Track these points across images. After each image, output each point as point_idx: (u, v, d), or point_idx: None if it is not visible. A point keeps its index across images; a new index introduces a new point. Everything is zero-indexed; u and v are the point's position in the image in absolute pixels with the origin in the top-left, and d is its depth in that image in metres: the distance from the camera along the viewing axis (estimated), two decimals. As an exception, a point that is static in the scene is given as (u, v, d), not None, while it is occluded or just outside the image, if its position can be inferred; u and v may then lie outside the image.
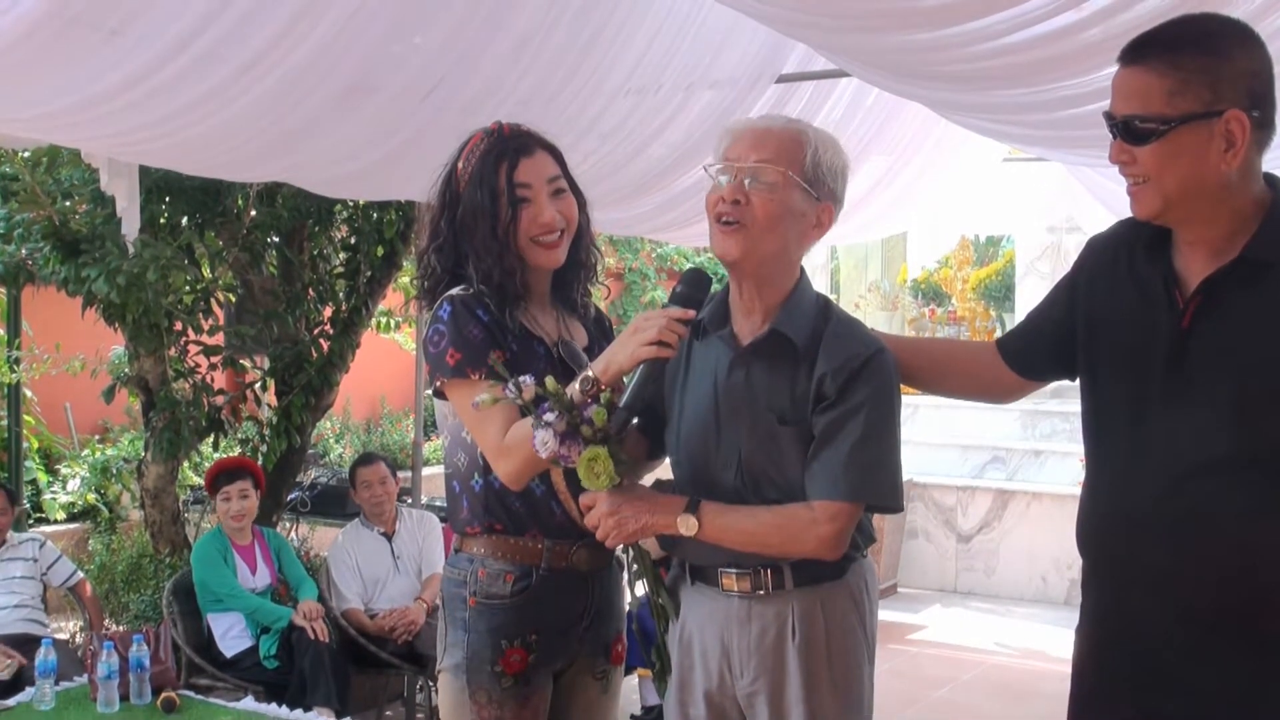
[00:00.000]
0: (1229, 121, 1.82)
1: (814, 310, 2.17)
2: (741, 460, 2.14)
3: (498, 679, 2.25)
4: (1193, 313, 1.91)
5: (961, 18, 2.79)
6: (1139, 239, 2.02)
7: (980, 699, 5.57)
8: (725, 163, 2.13)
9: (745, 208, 2.09)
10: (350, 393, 9.57)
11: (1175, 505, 1.91)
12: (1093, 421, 2.08)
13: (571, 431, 2.01)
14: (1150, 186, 1.89)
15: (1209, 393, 1.89)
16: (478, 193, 2.25)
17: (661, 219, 5.70)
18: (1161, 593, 1.94)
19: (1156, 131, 1.84)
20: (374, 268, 5.93)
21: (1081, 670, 2.12)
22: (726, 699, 2.21)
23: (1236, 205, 1.89)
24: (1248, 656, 1.88)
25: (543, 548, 2.26)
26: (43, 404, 7.99)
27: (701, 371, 2.21)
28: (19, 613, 4.71)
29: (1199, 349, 1.90)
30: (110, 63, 3.09)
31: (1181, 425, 1.91)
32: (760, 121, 2.17)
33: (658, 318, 2.05)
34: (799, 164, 2.10)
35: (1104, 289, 2.06)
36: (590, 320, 2.45)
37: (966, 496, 7.98)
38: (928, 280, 11.44)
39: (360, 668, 4.81)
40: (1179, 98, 1.82)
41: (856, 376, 2.08)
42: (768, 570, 2.15)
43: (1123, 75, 1.90)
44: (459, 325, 2.20)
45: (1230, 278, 1.88)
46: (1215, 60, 1.83)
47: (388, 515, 5.18)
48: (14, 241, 5.21)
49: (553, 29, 3.70)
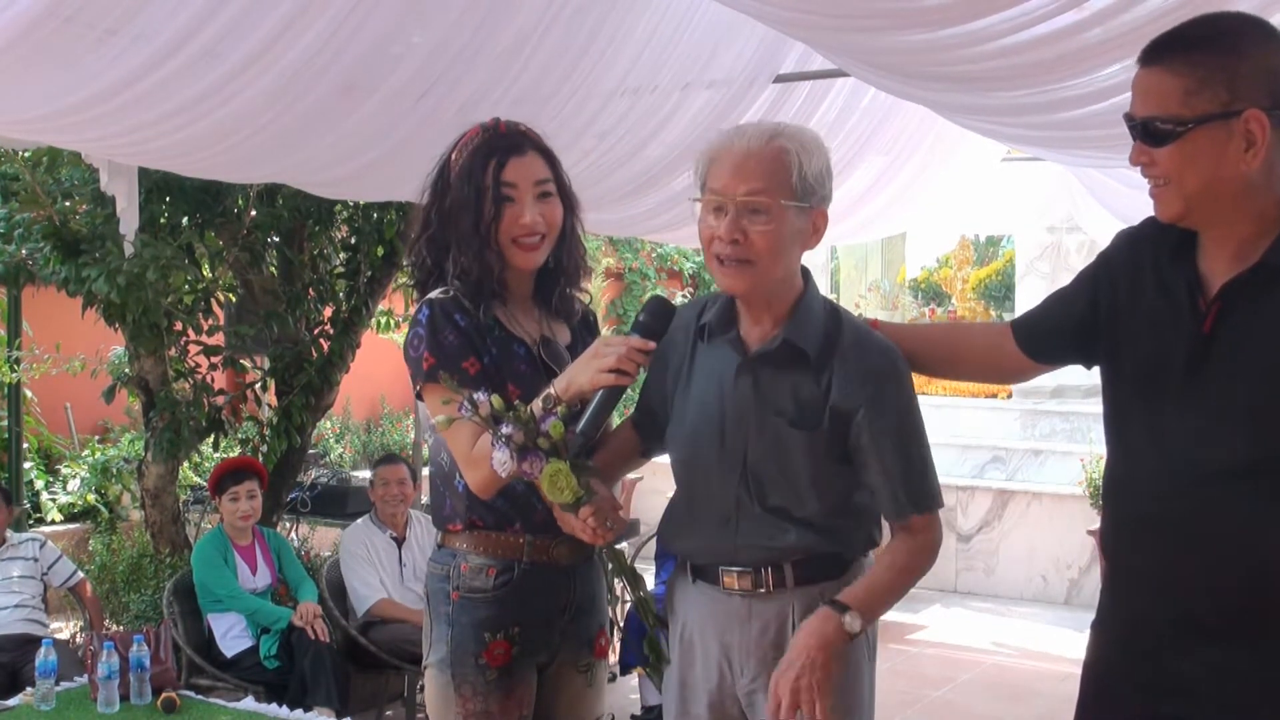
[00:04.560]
0: (1248, 121, 1.79)
1: (823, 315, 2.17)
2: (746, 465, 2.15)
3: (482, 671, 2.27)
4: (1214, 318, 1.89)
5: (962, 18, 2.79)
6: (1166, 240, 1.99)
7: (980, 699, 5.57)
8: (712, 195, 2.10)
9: (745, 245, 2.07)
10: (350, 393, 9.58)
11: (1185, 508, 1.91)
12: (1111, 422, 2.08)
13: (531, 446, 2.02)
14: (1171, 188, 1.87)
15: (1226, 398, 1.88)
16: (465, 186, 2.27)
17: (659, 219, 5.70)
18: (1168, 595, 1.94)
19: (1174, 133, 1.82)
20: (374, 268, 5.94)
21: (1092, 669, 2.11)
22: (727, 697, 2.21)
23: (1259, 207, 1.87)
24: (1253, 661, 1.88)
25: (524, 542, 2.29)
26: (43, 404, 8.00)
27: (706, 375, 2.21)
28: (19, 613, 4.72)
29: (1219, 355, 1.88)
30: (106, 62, 3.09)
31: (1196, 429, 1.90)
32: (738, 143, 2.10)
33: (618, 344, 2.06)
34: (788, 187, 2.07)
35: (1128, 286, 2.04)
36: (575, 320, 2.45)
37: (966, 496, 7.98)
38: (928, 280, 11.45)
39: (360, 668, 4.81)
40: (1196, 98, 1.81)
41: (884, 389, 2.12)
42: (768, 568, 2.16)
43: (1141, 76, 1.89)
44: (435, 330, 2.22)
45: (1251, 283, 1.86)
46: (1233, 59, 1.81)
47: (399, 518, 5.18)
48: (14, 241, 5.22)
49: (550, 28, 3.70)
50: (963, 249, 10.08)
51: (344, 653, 4.74)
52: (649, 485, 7.83)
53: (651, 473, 4.54)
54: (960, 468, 8.20)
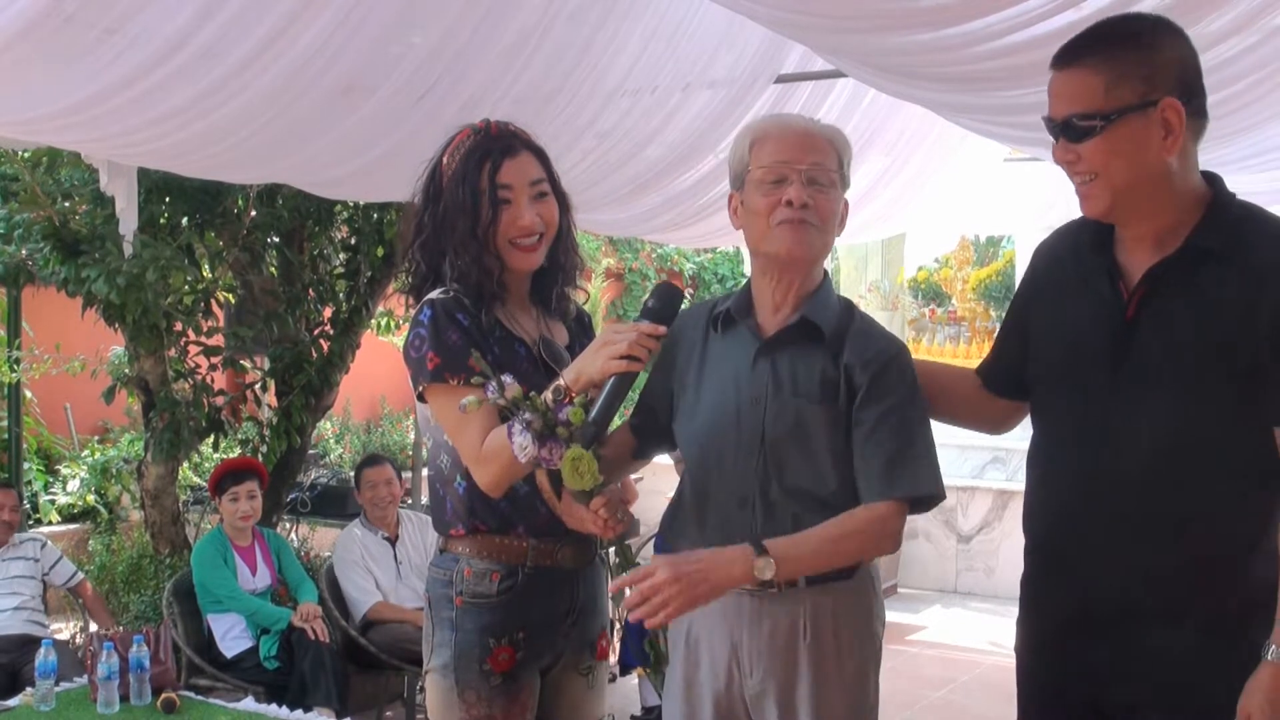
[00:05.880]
0: (1165, 110, 1.88)
1: (839, 306, 2.24)
2: (766, 446, 2.15)
3: (486, 677, 2.25)
4: (1137, 303, 1.96)
5: (960, 18, 2.78)
6: (1082, 238, 2.07)
7: (980, 699, 5.57)
8: (776, 164, 2.16)
9: (812, 209, 2.14)
10: (350, 393, 9.57)
11: (1116, 494, 1.96)
12: (1038, 414, 2.14)
13: (549, 433, 2.01)
14: (1099, 183, 1.95)
15: (1153, 381, 1.93)
16: (460, 191, 2.25)
17: (659, 219, 5.69)
18: (1105, 583, 1.98)
19: (1097, 127, 1.91)
20: (374, 268, 5.94)
21: (1029, 662, 2.17)
22: (734, 699, 2.21)
23: (1178, 197, 1.95)
24: (1200, 641, 1.92)
25: (528, 546, 2.27)
26: (43, 404, 7.99)
27: (721, 363, 2.22)
28: (19, 614, 4.71)
29: (1144, 339, 1.95)
30: (105, 62, 3.09)
31: (1124, 415, 1.95)
32: (796, 122, 2.23)
33: (628, 331, 2.05)
34: (840, 165, 2.20)
35: (1052, 293, 2.12)
36: (570, 319, 2.45)
37: (966, 496, 7.97)
38: (928, 280, 11.43)
39: (360, 668, 4.81)
40: (1115, 92, 1.89)
41: (886, 371, 2.14)
42: None
43: (1059, 79, 1.97)
44: (439, 330, 2.20)
45: (1174, 268, 1.94)
46: (1147, 53, 1.90)
47: (390, 518, 5.17)
48: (14, 241, 5.22)
49: (550, 29, 3.70)
50: (963, 249, 10.05)
51: (344, 653, 4.73)
52: (649, 485, 7.82)
53: (652, 473, 4.54)
54: (960, 468, 8.19)
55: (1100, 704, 2.03)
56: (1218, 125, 3.53)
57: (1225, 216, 1.95)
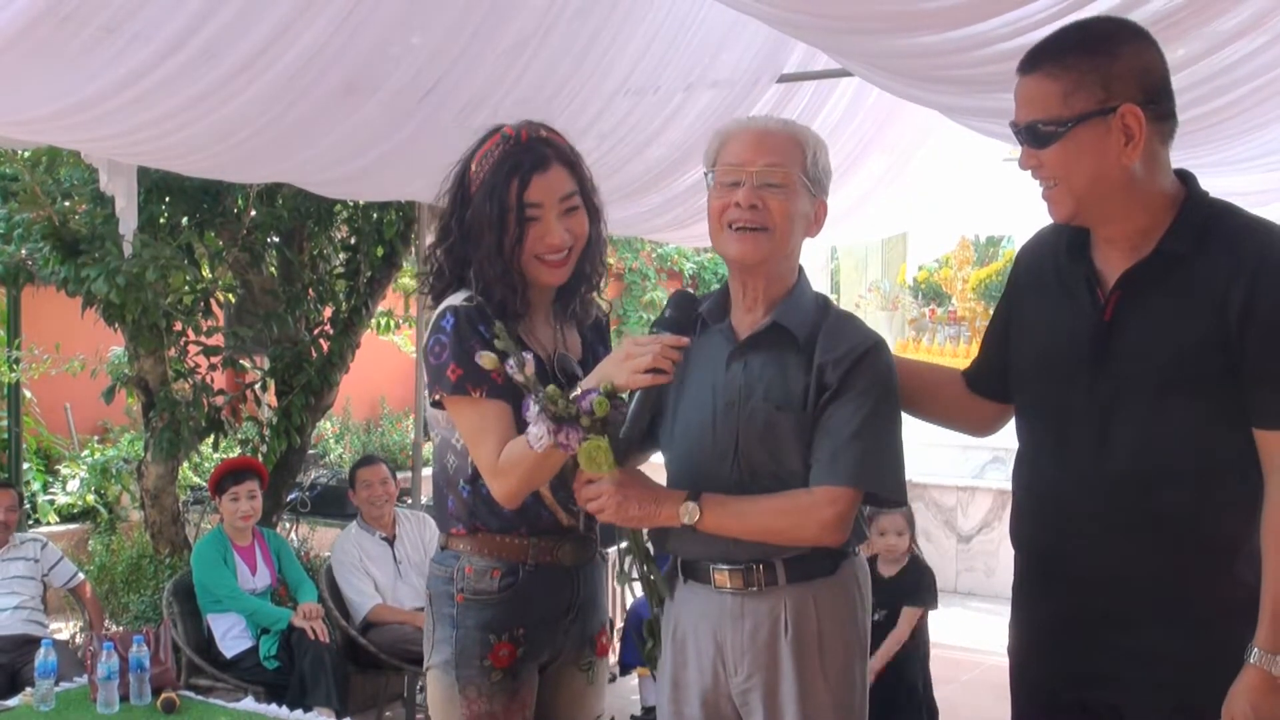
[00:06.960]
0: (1124, 116, 1.89)
1: (813, 306, 2.22)
2: (739, 451, 2.15)
3: (487, 673, 2.26)
4: (1114, 306, 1.97)
5: (967, 21, 2.78)
6: (1061, 242, 2.08)
7: (980, 699, 5.56)
8: (729, 167, 2.16)
9: (763, 212, 2.13)
10: (350, 393, 9.57)
11: (1097, 497, 1.97)
12: (1021, 416, 2.14)
13: (567, 417, 2.00)
14: (1061, 188, 1.96)
15: (1131, 382, 1.94)
16: (487, 204, 2.21)
17: (661, 219, 5.70)
18: (1088, 587, 2.00)
19: (1056, 133, 1.92)
20: (374, 268, 5.94)
21: (1020, 664, 2.19)
22: (721, 696, 2.22)
23: (1147, 200, 1.95)
24: (1182, 644, 1.93)
25: (528, 544, 2.28)
26: (42, 404, 7.99)
27: (697, 366, 2.22)
28: (19, 614, 4.71)
29: (1121, 342, 1.96)
30: (104, 61, 3.09)
31: (1110, 420, 1.96)
32: (755, 123, 2.22)
33: (651, 344, 2.04)
34: (802, 165, 2.16)
35: (1033, 296, 2.13)
36: (587, 326, 2.43)
37: (966, 496, 7.97)
38: (928, 280, 11.43)
39: (360, 668, 4.80)
40: (1073, 98, 1.90)
41: (856, 367, 2.12)
42: (760, 566, 2.16)
43: (1022, 85, 1.98)
44: (461, 339, 2.18)
45: (1148, 272, 1.95)
46: (1105, 59, 1.90)
47: (386, 518, 5.16)
48: (14, 241, 5.22)
49: (551, 29, 3.69)
50: (963, 249, 10.05)
51: (344, 653, 4.73)
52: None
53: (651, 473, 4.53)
54: (960, 468, 8.18)
55: (1089, 705, 2.04)
56: (1227, 124, 3.53)
57: (1197, 217, 1.95)
